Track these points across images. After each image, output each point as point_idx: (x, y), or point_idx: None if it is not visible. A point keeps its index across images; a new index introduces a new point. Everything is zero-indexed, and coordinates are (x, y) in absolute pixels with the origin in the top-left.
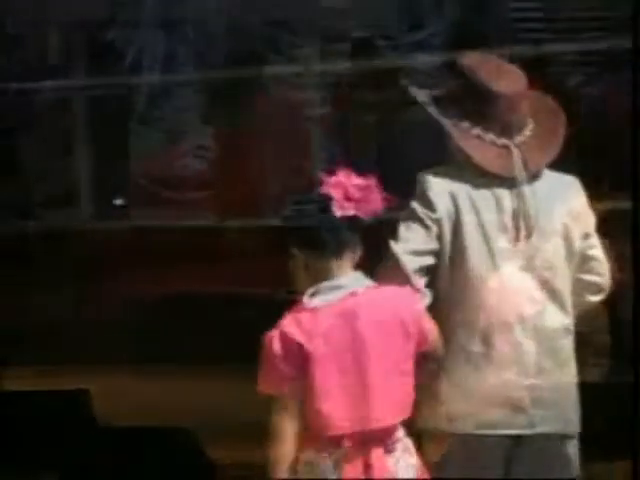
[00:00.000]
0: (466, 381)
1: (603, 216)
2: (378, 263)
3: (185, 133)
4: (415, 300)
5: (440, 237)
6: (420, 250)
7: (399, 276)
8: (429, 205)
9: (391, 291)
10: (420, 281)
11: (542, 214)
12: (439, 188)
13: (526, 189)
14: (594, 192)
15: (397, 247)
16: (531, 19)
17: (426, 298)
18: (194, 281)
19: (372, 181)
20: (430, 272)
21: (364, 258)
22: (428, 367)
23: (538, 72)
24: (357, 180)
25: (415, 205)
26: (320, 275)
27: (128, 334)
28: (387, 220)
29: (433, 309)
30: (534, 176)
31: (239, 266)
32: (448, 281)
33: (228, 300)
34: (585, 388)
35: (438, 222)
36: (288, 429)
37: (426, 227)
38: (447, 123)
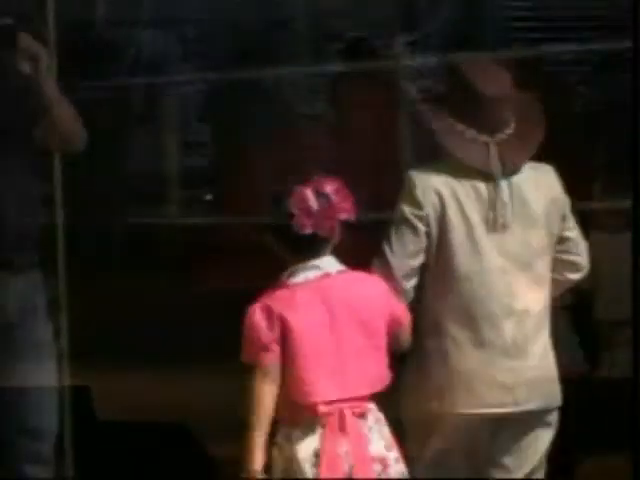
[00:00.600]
0: (455, 366)
1: (602, 215)
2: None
3: None
4: (384, 284)
5: (429, 233)
6: (411, 251)
7: (389, 279)
8: (416, 204)
9: (362, 275)
10: (408, 283)
11: (522, 204)
12: (424, 185)
13: (504, 182)
14: (593, 191)
15: (388, 251)
16: (528, 19)
17: (409, 297)
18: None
19: (341, 191)
20: (422, 269)
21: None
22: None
23: (536, 72)
24: (327, 188)
25: (403, 205)
26: (296, 258)
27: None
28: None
29: (422, 299)
30: (514, 170)
31: None
32: (435, 272)
33: None
34: (586, 386)
35: (426, 219)
36: (267, 395)
37: (414, 227)
38: (433, 119)
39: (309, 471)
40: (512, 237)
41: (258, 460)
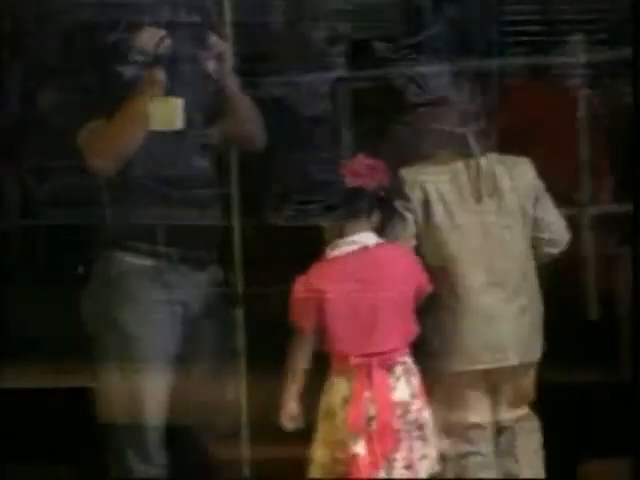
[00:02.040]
0: (448, 331)
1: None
2: None
3: None
4: (414, 256)
5: (416, 222)
6: (402, 238)
7: None
8: (405, 197)
9: (396, 247)
10: None
11: (498, 189)
12: (412, 181)
13: (483, 159)
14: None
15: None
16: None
17: None
18: None
19: (379, 163)
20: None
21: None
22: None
23: (539, 78)
24: (366, 161)
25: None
26: (339, 233)
27: None
28: None
29: None
30: (489, 158)
31: None
32: (428, 256)
33: None
34: (585, 387)
35: (414, 210)
36: (300, 352)
37: (404, 217)
38: (420, 127)
39: (339, 413)
40: (490, 219)
41: (292, 409)
